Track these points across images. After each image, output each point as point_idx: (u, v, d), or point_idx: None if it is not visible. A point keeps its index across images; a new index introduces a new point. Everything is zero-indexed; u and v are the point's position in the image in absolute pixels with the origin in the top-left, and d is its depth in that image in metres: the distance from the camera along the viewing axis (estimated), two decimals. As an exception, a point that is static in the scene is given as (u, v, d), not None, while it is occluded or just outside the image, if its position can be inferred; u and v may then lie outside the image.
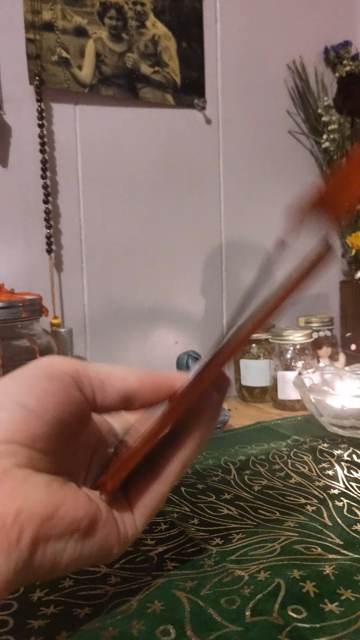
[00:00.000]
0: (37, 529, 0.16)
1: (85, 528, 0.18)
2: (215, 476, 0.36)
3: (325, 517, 0.29)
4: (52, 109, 0.60)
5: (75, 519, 0.17)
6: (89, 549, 0.18)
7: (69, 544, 0.17)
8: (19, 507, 0.16)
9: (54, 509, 0.17)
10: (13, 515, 0.15)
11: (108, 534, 0.19)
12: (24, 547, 0.16)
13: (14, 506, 0.16)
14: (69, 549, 0.17)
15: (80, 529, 0.17)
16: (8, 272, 0.58)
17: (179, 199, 0.68)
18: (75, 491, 0.18)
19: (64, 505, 0.17)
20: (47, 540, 0.16)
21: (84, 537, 0.18)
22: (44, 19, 0.58)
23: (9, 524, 0.15)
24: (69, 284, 0.62)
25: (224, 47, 0.69)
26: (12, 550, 0.15)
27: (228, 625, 0.21)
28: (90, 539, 0.18)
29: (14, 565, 0.15)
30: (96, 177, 0.63)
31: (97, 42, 0.60)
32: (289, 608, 0.22)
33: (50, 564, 0.17)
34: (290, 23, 0.73)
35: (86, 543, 0.18)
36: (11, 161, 0.59)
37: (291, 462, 0.38)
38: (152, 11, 0.63)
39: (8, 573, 0.15)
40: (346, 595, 0.22)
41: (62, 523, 0.17)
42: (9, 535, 0.15)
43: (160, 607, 0.22)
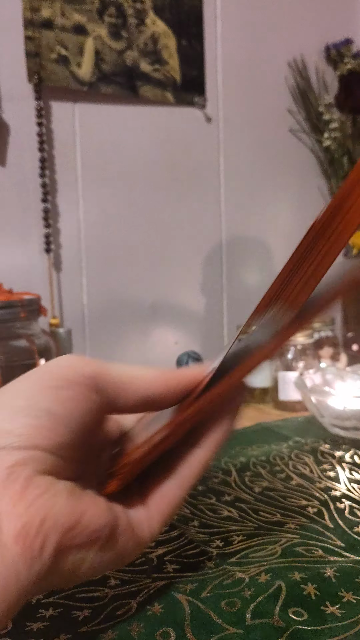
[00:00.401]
0: (61, 538, 0.16)
1: (106, 537, 0.17)
2: (215, 478, 0.36)
3: (327, 519, 0.29)
4: (51, 107, 0.60)
5: (96, 528, 0.17)
6: (108, 556, 0.18)
7: (89, 553, 0.17)
8: (44, 516, 0.15)
9: (77, 518, 0.16)
10: (37, 525, 0.15)
11: (126, 541, 0.18)
12: (46, 557, 0.15)
13: (38, 515, 0.15)
14: (89, 557, 0.17)
15: (101, 538, 0.17)
16: (6, 271, 0.58)
17: (179, 197, 0.68)
18: (95, 499, 0.18)
19: (86, 514, 0.17)
20: (69, 550, 0.16)
21: (104, 546, 0.17)
22: (43, 17, 0.57)
23: (32, 533, 0.15)
24: (67, 283, 0.62)
25: (224, 45, 0.69)
26: (34, 559, 0.15)
27: (228, 628, 0.21)
28: (111, 548, 0.18)
29: (35, 574, 0.15)
30: (95, 175, 0.63)
31: (96, 40, 0.60)
32: (290, 610, 0.21)
33: (70, 573, 0.17)
34: (291, 21, 0.73)
35: (106, 551, 0.18)
36: (10, 159, 0.58)
37: (292, 463, 0.38)
38: (152, 9, 0.63)
39: (29, 582, 0.15)
40: (347, 597, 0.22)
41: (84, 533, 0.16)
42: (33, 544, 0.15)
43: (160, 609, 0.22)
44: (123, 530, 0.18)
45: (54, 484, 0.16)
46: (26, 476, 0.16)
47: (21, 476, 0.16)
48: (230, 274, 0.72)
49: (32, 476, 0.16)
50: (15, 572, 0.15)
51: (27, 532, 0.15)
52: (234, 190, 0.71)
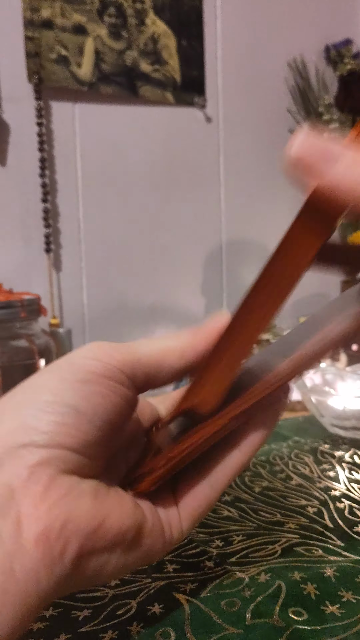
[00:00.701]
0: (83, 543, 0.15)
1: (131, 539, 0.17)
2: (215, 477, 0.36)
3: (327, 519, 0.29)
4: (51, 107, 0.60)
5: (121, 530, 0.16)
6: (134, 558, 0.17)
7: (113, 556, 0.16)
8: (65, 519, 0.15)
9: (101, 521, 0.16)
10: (59, 528, 0.15)
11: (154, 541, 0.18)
12: (68, 561, 0.15)
13: (59, 518, 0.15)
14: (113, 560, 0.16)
15: (126, 540, 0.17)
16: (6, 271, 0.58)
17: (178, 197, 0.68)
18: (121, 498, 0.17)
19: (110, 516, 0.16)
20: (92, 554, 0.16)
21: (129, 548, 0.17)
22: (43, 17, 0.57)
23: (54, 537, 0.15)
24: (67, 283, 0.62)
25: (224, 45, 0.69)
26: (55, 564, 0.15)
27: (228, 628, 0.21)
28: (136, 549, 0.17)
29: (56, 578, 0.15)
30: (95, 175, 0.63)
31: (96, 40, 0.60)
32: (290, 610, 0.21)
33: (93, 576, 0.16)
34: (291, 21, 0.73)
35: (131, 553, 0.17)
36: (10, 160, 0.58)
37: (292, 463, 0.38)
38: (152, 9, 0.63)
39: (49, 586, 0.15)
40: (347, 597, 0.22)
41: (108, 536, 0.16)
42: (53, 549, 0.14)
43: (159, 609, 0.22)
44: (150, 531, 0.18)
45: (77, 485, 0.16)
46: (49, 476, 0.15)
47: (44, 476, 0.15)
48: (230, 274, 0.72)
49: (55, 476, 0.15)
50: (36, 577, 0.14)
51: (48, 536, 0.14)
52: (234, 190, 0.71)
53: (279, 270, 0.16)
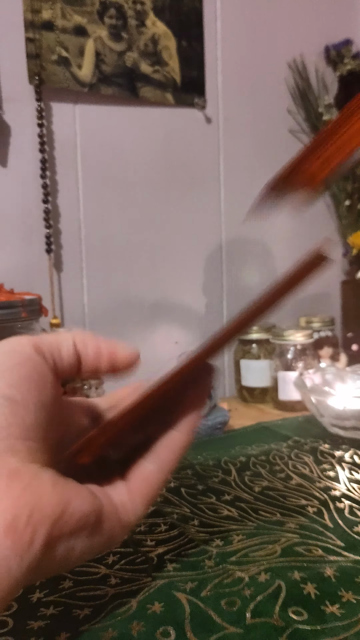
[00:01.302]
0: (50, 529, 0.16)
1: (93, 523, 0.18)
2: (215, 477, 0.36)
3: (326, 519, 0.29)
4: (51, 108, 0.60)
5: (83, 515, 0.17)
6: (98, 542, 0.18)
7: (78, 541, 0.17)
8: (31, 508, 0.16)
9: (64, 507, 0.17)
10: (26, 517, 0.15)
11: (113, 525, 0.19)
12: (37, 549, 0.16)
13: (26, 508, 0.15)
14: (79, 545, 0.17)
15: (88, 524, 0.17)
16: (7, 271, 0.58)
17: (179, 198, 0.68)
18: (77, 486, 0.18)
19: (71, 502, 0.17)
20: (58, 540, 0.16)
21: (92, 532, 0.18)
22: (44, 18, 0.57)
23: (21, 526, 0.15)
24: (68, 283, 0.62)
25: (224, 46, 0.69)
26: (24, 552, 0.15)
27: (228, 627, 0.21)
28: (98, 533, 0.18)
29: (26, 566, 0.15)
30: (96, 176, 0.63)
31: (96, 41, 0.60)
32: (290, 610, 0.21)
33: (61, 561, 0.17)
34: (291, 22, 0.73)
35: (94, 537, 0.18)
36: (11, 161, 0.58)
37: (292, 463, 0.38)
38: (152, 10, 0.63)
39: (20, 574, 0.15)
40: (347, 597, 0.22)
41: (72, 521, 0.17)
42: (22, 537, 0.15)
43: (160, 608, 0.22)
44: (108, 515, 0.19)
45: (37, 473, 0.17)
46: (9, 468, 0.16)
47: (5, 468, 0.16)
48: (230, 273, 0.72)
49: (15, 468, 0.16)
50: (7, 566, 0.15)
51: (16, 526, 0.15)
52: (234, 191, 0.71)
53: None
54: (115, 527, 0.19)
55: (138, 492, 0.20)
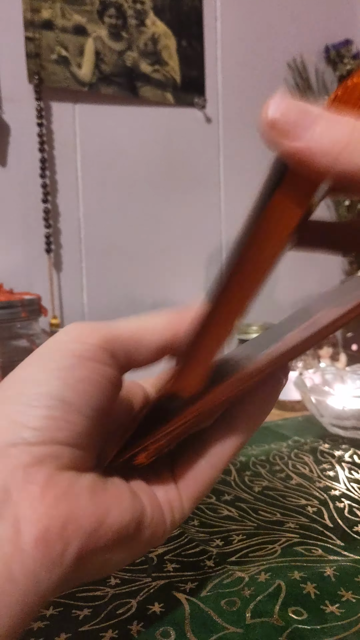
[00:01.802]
0: (84, 543, 0.15)
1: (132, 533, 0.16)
2: (215, 476, 0.36)
3: (326, 519, 0.29)
4: (51, 108, 0.60)
5: (122, 526, 0.16)
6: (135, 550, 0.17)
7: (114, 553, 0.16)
8: (65, 519, 0.14)
9: (101, 519, 0.15)
10: (58, 530, 0.14)
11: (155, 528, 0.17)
12: (68, 562, 0.14)
13: (59, 519, 0.14)
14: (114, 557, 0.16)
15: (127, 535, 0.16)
16: (7, 271, 0.58)
17: (179, 198, 0.68)
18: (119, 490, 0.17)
19: (110, 513, 0.16)
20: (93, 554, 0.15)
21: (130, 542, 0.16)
22: (44, 18, 0.57)
23: (53, 539, 0.14)
24: (68, 283, 0.62)
25: (224, 45, 0.69)
26: (55, 565, 0.14)
27: (228, 627, 0.21)
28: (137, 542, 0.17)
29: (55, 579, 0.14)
30: (95, 176, 0.63)
31: (96, 40, 0.60)
32: (290, 609, 0.21)
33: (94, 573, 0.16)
34: (291, 21, 0.73)
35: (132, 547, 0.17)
36: (10, 160, 0.58)
37: (292, 463, 0.38)
38: (152, 9, 0.63)
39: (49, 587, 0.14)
40: (347, 596, 0.22)
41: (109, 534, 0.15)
42: (53, 550, 0.14)
43: (160, 608, 0.22)
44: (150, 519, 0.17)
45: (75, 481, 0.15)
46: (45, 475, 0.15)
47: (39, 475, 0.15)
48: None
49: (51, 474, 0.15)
50: (35, 579, 0.14)
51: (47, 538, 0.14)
52: (234, 191, 0.71)
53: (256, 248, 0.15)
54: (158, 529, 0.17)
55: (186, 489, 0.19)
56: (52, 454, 0.15)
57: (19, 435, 0.15)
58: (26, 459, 0.15)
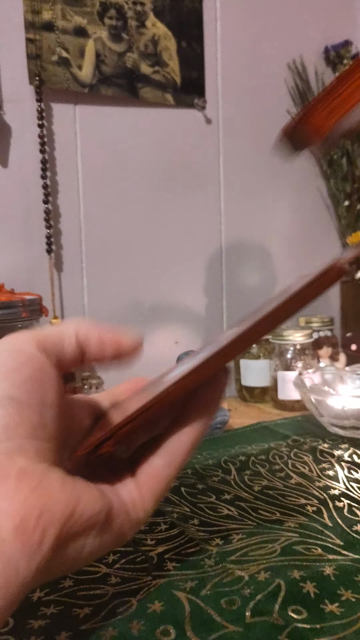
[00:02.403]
0: (60, 530, 0.16)
1: (102, 521, 0.17)
2: (215, 476, 0.36)
3: (326, 518, 0.29)
4: (52, 109, 0.60)
5: (92, 514, 0.17)
6: (107, 540, 0.18)
7: (88, 540, 0.17)
8: (41, 509, 0.15)
9: (73, 507, 0.16)
10: (35, 519, 0.15)
11: (122, 522, 0.19)
12: (46, 550, 0.15)
13: (35, 509, 0.15)
14: (88, 544, 0.17)
15: (98, 523, 0.17)
16: (8, 272, 0.58)
17: (179, 199, 0.68)
18: (86, 484, 0.18)
19: (81, 501, 0.17)
20: (68, 540, 0.16)
21: (102, 530, 0.18)
22: (44, 19, 0.57)
23: (31, 527, 0.15)
24: (69, 284, 0.62)
25: (224, 46, 0.69)
26: (33, 553, 0.15)
27: (228, 626, 0.21)
28: (108, 531, 0.18)
29: (34, 567, 0.15)
30: (96, 177, 0.63)
31: (97, 42, 0.60)
32: (289, 608, 0.22)
33: (70, 561, 0.17)
34: (291, 22, 0.73)
35: (104, 535, 0.18)
36: (11, 161, 0.59)
37: (291, 462, 0.38)
38: (152, 11, 0.63)
39: (29, 575, 0.15)
40: (347, 595, 0.22)
41: (81, 521, 0.17)
42: (32, 539, 0.15)
43: (160, 607, 0.22)
44: (117, 512, 0.18)
45: (46, 473, 0.16)
46: (17, 468, 0.16)
47: (12, 469, 0.16)
48: (230, 274, 0.72)
49: (24, 467, 0.16)
50: (16, 567, 0.15)
51: (25, 527, 0.15)
52: (234, 192, 0.71)
53: None
54: (125, 524, 0.19)
55: (147, 488, 0.20)
56: (18, 447, 0.16)
57: None
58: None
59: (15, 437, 0.16)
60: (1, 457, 0.16)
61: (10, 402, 0.17)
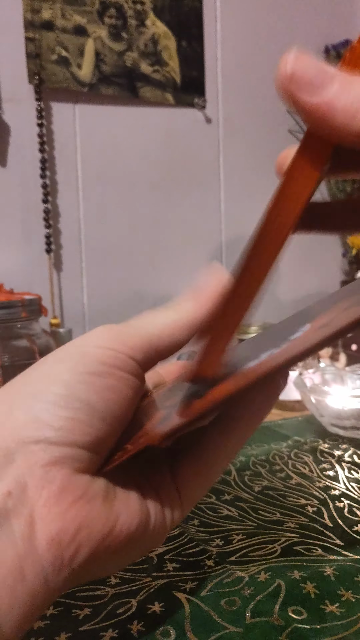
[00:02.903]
0: (94, 548, 0.15)
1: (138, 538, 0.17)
2: (215, 476, 0.36)
3: (326, 518, 0.29)
4: (51, 108, 0.60)
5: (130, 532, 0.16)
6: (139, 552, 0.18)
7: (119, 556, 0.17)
8: (79, 524, 0.15)
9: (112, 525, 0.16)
10: (72, 534, 0.15)
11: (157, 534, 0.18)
12: (77, 565, 0.15)
13: (74, 523, 0.15)
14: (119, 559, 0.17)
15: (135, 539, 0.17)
16: (7, 271, 0.58)
17: (179, 198, 0.68)
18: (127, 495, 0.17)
19: (120, 519, 0.16)
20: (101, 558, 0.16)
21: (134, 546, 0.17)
22: (44, 18, 0.57)
23: (66, 542, 0.14)
24: (68, 283, 0.62)
25: (224, 46, 0.69)
26: (64, 567, 0.14)
27: (228, 626, 0.21)
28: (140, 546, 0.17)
29: (63, 579, 0.15)
30: (96, 176, 0.63)
31: (96, 41, 0.60)
32: (290, 609, 0.22)
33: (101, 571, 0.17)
34: (291, 22, 0.73)
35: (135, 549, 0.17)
36: (10, 160, 0.58)
37: (292, 462, 0.38)
38: (152, 10, 0.63)
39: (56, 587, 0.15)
40: (347, 596, 0.22)
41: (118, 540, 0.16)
42: (65, 553, 0.14)
43: (160, 608, 0.22)
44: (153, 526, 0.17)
45: (90, 486, 0.16)
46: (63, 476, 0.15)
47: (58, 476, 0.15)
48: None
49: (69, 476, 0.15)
50: (44, 579, 0.14)
51: (60, 540, 0.14)
52: (234, 191, 0.71)
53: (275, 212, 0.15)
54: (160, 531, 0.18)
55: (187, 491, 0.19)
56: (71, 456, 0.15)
57: (42, 433, 0.15)
58: (46, 458, 0.15)
59: (74, 445, 0.15)
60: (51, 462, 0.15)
61: (85, 408, 0.15)
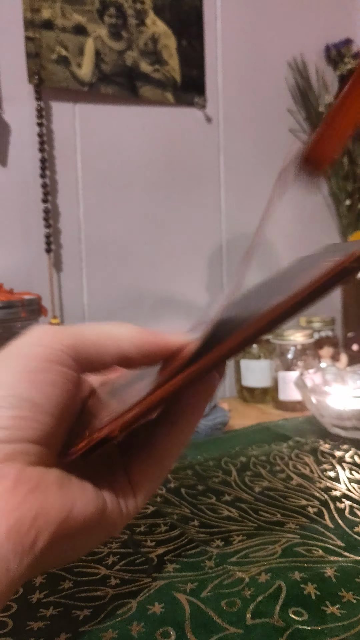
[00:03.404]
0: (53, 533, 0.16)
1: (95, 522, 0.18)
2: (215, 477, 0.36)
3: (327, 519, 0.29)
4: (51, 108, 0.60)
5: (87, 516, 0.17)
6: (97, 537, 0.19)
7: (79, 540, 0.17)
8: (36, 512, 0.15)
9: (68, 510, 0.16)
10: (30, 521, 0.15)
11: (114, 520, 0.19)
12: (38, 551, 0.16)
13: (30, 511, 0.15)
14: (79, 544, 0.18)
15: (92, 524, 0.17)
16: (7, 271, 0.58)
17: (179, 197, 0.68)
18: (83, 485, 0.18)
19: (76, 504, 0.17)
20: (61, 541, 0.16)
21: (93, 530, 0.18)
22: (44, 17, 0.57)
23: (25, 529, 0.15)
24: (68, 283, 0.62)
25: (224, 45, 0.69)
26: (25, 554, 0.15)
27: (228, 628, 0.21)
28: (99, 530, 0.18)
29: (25, 566, 0.15)
30: (96, 176, 0.63)
31: (96, 40, 0.60)
32: (290, 610, 0.21)
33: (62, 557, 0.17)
34: (291, 21, 0.73)
35: (95, 534, 0.18)
36: (10, 160, 0.58)
37: (292, 463, 0.38)
38: (152, 9, 0.63)
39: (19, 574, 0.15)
40: (347, 597, 0.22)
41: (76, 523, 0.17)
42: (24, 541, 0.15)
43: (160, 609, 0.22)
44: (111, 510, 0.19)
45: (44, 476, 0.16)
46: (16, 471, 0.16)
47: (12, 471, 0.16)
48: (231, 273, 0.72)
49: (22, 470, 0.16)
50: (6, 567, 0.15)
51: (19, 529, 0.15)
52: (234, 190, 0.71)
53: None
54: (117, 520, 0.19)
55: (140, 487, 0.20)
56: (22, 451, 0.16)
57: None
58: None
59: (22, 441, 0.16)
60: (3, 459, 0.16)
61: (29, 405, 0.16)
